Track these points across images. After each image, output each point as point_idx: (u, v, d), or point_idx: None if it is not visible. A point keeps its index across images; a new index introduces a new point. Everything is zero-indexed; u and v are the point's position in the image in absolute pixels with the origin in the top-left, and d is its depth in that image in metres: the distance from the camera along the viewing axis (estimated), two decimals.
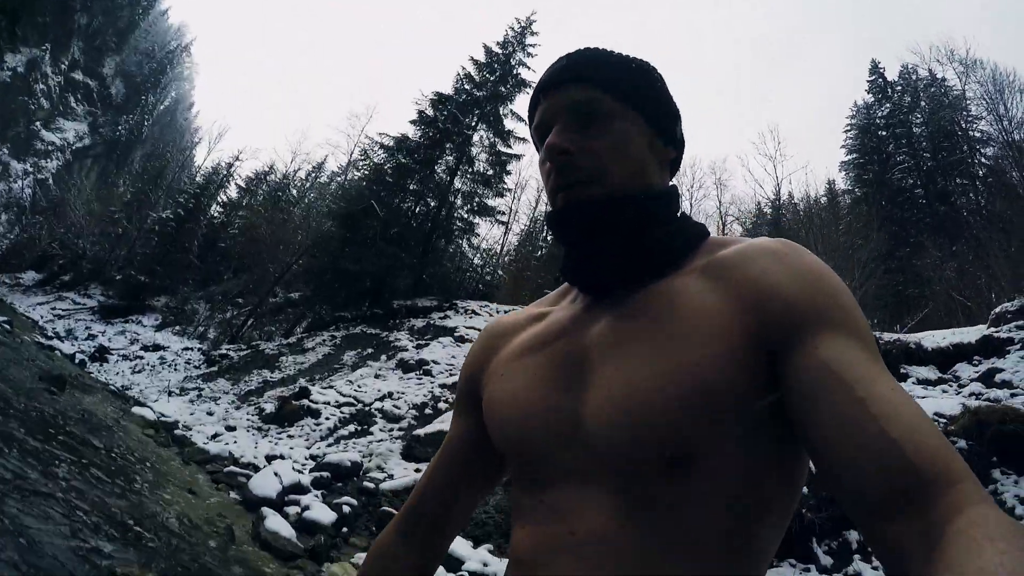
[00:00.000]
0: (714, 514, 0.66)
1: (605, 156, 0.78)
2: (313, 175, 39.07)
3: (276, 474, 8.66)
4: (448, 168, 21.96)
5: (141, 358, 18.20)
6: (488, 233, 24.55)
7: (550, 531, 0.72)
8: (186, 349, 18.82)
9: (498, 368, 0.87)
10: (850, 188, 34.60)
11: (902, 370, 10.31)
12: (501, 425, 0.82)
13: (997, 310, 11.79)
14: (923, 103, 33.89)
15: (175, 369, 16.95)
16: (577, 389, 0.74)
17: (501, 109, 22.30)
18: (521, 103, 22.56)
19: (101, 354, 18.32)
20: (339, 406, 13.05)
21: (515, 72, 23.20)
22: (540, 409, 0.77)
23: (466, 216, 22.32)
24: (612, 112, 0.79)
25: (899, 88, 35.32)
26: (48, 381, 9.93)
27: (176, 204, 31.82)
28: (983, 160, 30.92)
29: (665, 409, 0.66)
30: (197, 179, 36.58)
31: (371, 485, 9.46)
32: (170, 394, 14.47)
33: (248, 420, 12.72)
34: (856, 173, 34.10)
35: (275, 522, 6.77)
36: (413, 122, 22.52)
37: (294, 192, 36.54)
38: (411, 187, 21.62)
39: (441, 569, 7.05)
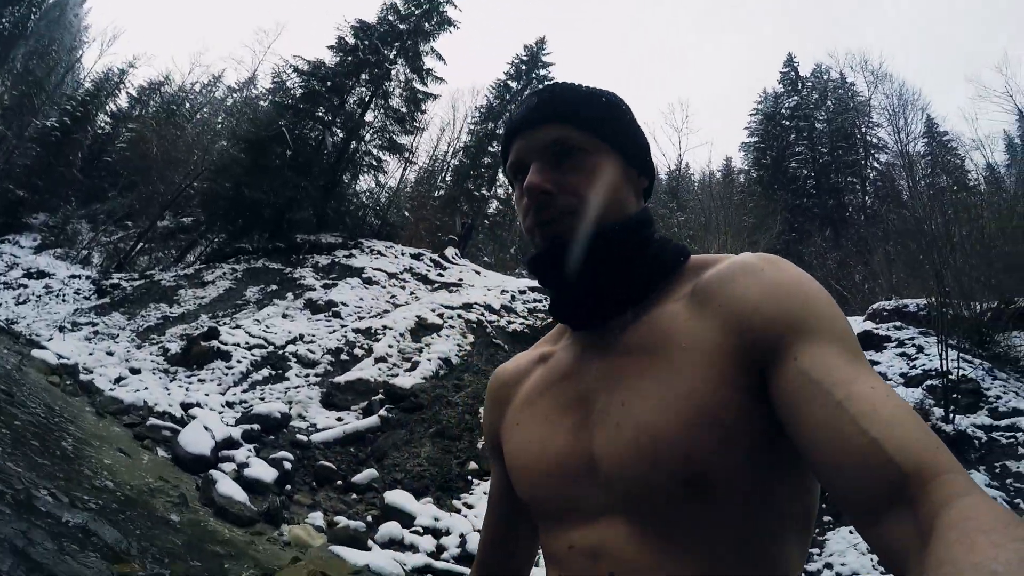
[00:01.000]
0: (737, 531, 0.69)
1: (582, 190, 0.80)
2: (209, 89, 36.17)
3: (206, 428, 8.55)
4: (361, 100, 21.17)
5: (25, 286, 16.72)
6: (392, 171, 23.92)
7: (590, 574, 0.73)
8: (73, 277, 17.42)
9: (513, 418, 0.90)
10: (746, 168, 36.94)
11: None
12: (521, 475, 0.85)
13: (875, 306, 13.18)
14: (829, 102, 36.55)
15: (63, 300, 15.74)
16: (587, 430, 0.77)
17: (422, 45, 21.60)
18: (444, 41, 22.04)
19: None
20: (250, 348, 12.72)
21: (441, 9, 22.53)
22: (554, 455, 0.80)
23: (375, 152, 21.69)
24: (586, 147, 0.82)
25: (809, 84, 38.05)
26: None
27: (62, 111, 28.68)
28: (876, 165, 34.36)
29: (670, 436, 0.69)
30: (86, 84, 33.39)
31: (303, 438, 9.50)
32: (61, 329, 13.48)
33: (153, 361, 12.16)
34: (755, 156, 36.45)
35: (227, 486, 6.77)
36: (331, 47, 21.54)
37: (188, 107, 33.65)
38: (322, 116, 20.68)
39: (396, 524, 7.39)
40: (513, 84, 33.51)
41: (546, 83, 0.85)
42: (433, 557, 6.92)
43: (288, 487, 7.98)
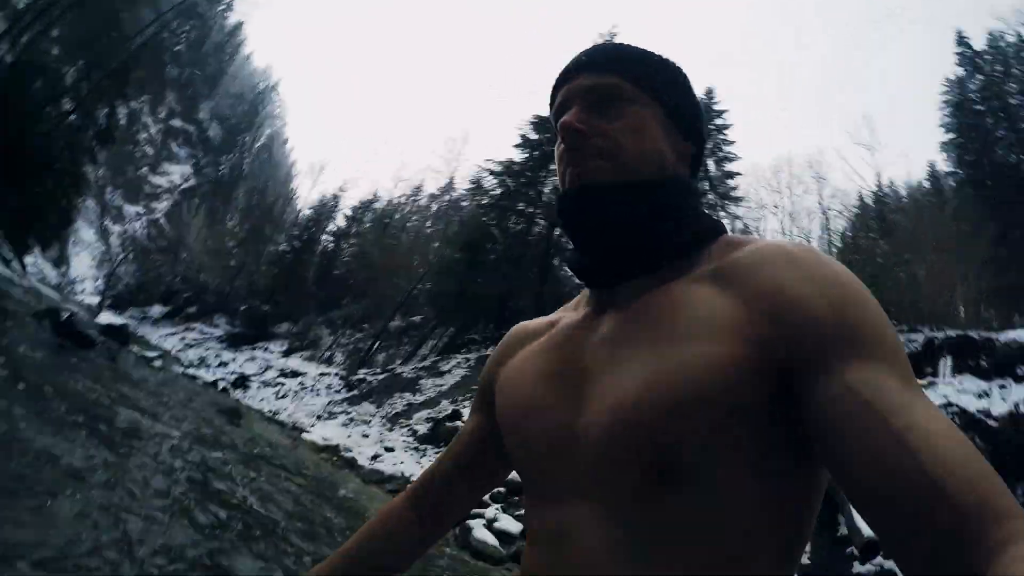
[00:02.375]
0: (711, 537, 0.62)
1: (619, 136, 0.76)
2: (413, 200, 40.97)
3: None
4: (555, 188, 22.90)
5: (282, 384, 19.74)
6: None
7: (552, 560, 0.69)
8: (323, 375, 20.23)
9: (509, 375, 0.86)
10: (953, 170, 32.33)
11: (1019, 371, 10.67)
12: (510, 439, 0.81)
13: None
14: (1015, 70, 29.99)
15: (317, 394, 18.31)
16: (575, 399, 0.72)
17: None
18: None
19: (242, 381, 19.99)
20: None
21: None
22: (540, 424, 0.75)
23: None
24: (629, 97, 0.79)
25: (988, 57, 32.58)
26: (225, 414, 11.24)
27: (290, 236, 34.23)
28: None
29: (652, 415, 0.62)
30: (306, 211, 39.23)
31: None
32: (319, 418, 15.72)
33: (404, 441, 13.74)
34: (957, 154, 31.44)
35: (481, 532, 8.30)
36: (517, 146, 23.57)
37: (398, 217, 38.59)
38: (522, 209, 22.62)
39: None
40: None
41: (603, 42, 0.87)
42: None
43: None
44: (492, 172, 23.68)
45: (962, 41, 33.14)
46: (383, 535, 0.94)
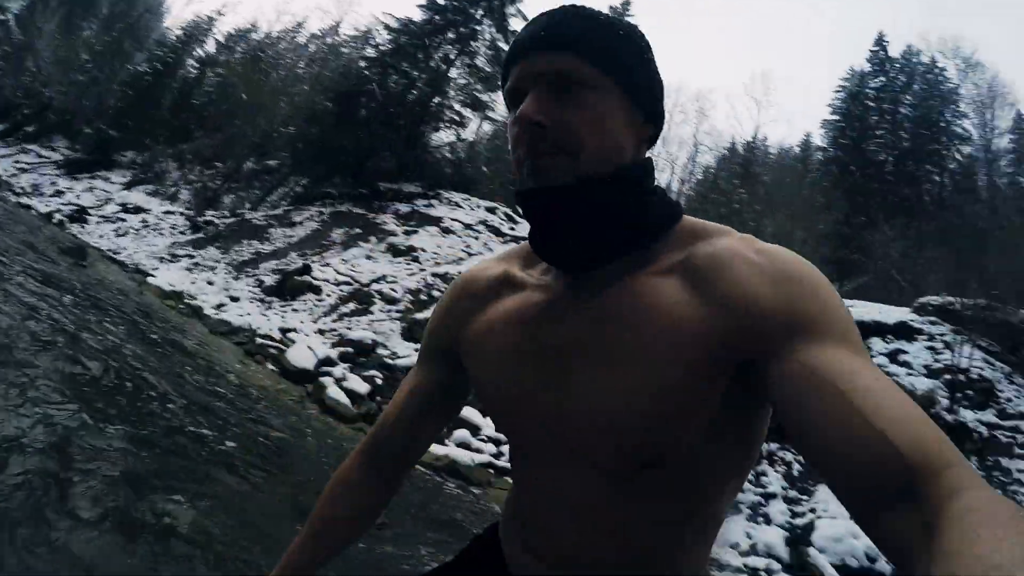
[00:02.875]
0: (682, 495, 0.76)
1: (579, 130, 0.75)
2: (291, 35, 37.65)
3: (309, 348, 9.77)
4: (446, 58, 22.08)
5: (123, 220, 18.48)
6: (471, 127, 24.76)
7: (547, 498, 0.82)
8: (168, 213, 19.11)
9: (482, 338, 0.89)
10: (824, 147, 35.87)
11: None
12: (493, 406, 0.88)
13: (922, 300, 13.34)
14: (916, 86, 34.73)
15: (160, 234, 17.38)
16: (560, 386, 0.78)
17: (508, 7, 22.22)
18: (530, 4, 22.64)
19: (80, 215, 18.51)
20: (338, 284, 14.00)
21: None
22: (528, 402, 0.82)
23: (457, 108, 22.67)
24: (590, 83, 0.76)
25: (898, 66, 35.77)
26: (70, 255, 10.63)
27: (153, 57, 30.75)
28: (958, 156, 32.73)
29: (640, 426, 0.72)
30: (175, 31, 35.36)
31: (390, 361, 10.71)
32: (161, 260, 15.05)
33: (250, 291, 13.55)
34: (834, 135, 34.93)
35: (335, 391, 8.28)
36: (421, 6, 22.40)
37: (272, 54, 35.35)
38: (407, 70, 21.73)
39: (466, 431, 8.53)
40: None
41: (562, 7, 0.79)
42: (495, 458, 8.38)
43: (379, 398, 9.18)
44: (387, 27, 22.42)
45: (880, 42, 36.76)
46: (346, 508, 0.99)
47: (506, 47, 21.79)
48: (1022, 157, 32.20)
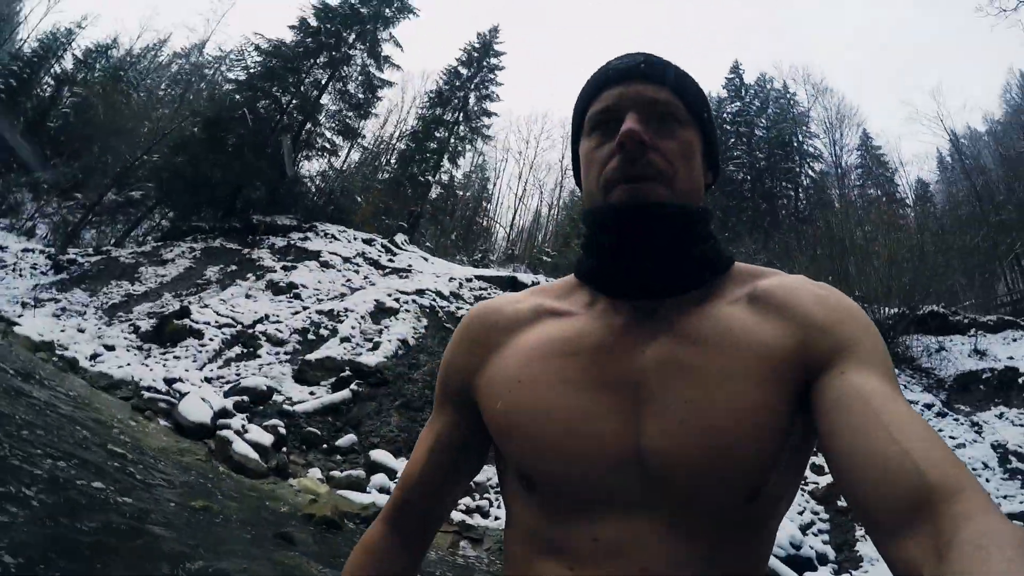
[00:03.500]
0: (770, 531, 0.78)
1: (675, 159, 0.78)
2: (154, 53, 35.27)
3: (204, 400, 9.57)
4: (317, 83, 21.91)
5: None
6: (343, 155, 24.48)
7: (601, 571, 0.72)
8: (26, 251, 17.67)
9: (513, 373, 0.82)
10: None
11: None
12: (532, 440, 0.77)
13: None
14: (770, 110, 39.27)
15: (20, 275, 16.12)
16: (636, 417, 0.74)
17: (381, 32, 22.39)
18: (403, 29, 22.93)
19: None
20: (220, 327, 13.72)
21: None
22: (595, 438, 0.74)
23: (329, 135, 22.51)
24: (683, 119, 0.81)
25: (752, 91, 40.46)
26: None
27: (7, 71, 27.86)
28: (810, 173, 37.47)
29: (743, 446, 0.70)
30: (31, 44, 31.92)
31: (289, 408, 10.67)
32: (24, 305, 14.01)
33: (126, 339, 12.97)
34: None
35: (242, 446, 8.02)
36: (293, 27, 22.16)
37: (135, 73, 32.86)
38: (278, 96, 21.39)
39: (384, 475, 8.71)
40: (464, 71, 33.90)
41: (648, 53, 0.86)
42: None
43: (284, 449, 9.18)
44: (258, 48, 21.96)
45: (735, 70, 40.98)
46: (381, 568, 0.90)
47: (378, 72, 22.19)
48: (869, 171, 37.01)
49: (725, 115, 38.61)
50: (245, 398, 10.45)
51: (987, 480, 10.47)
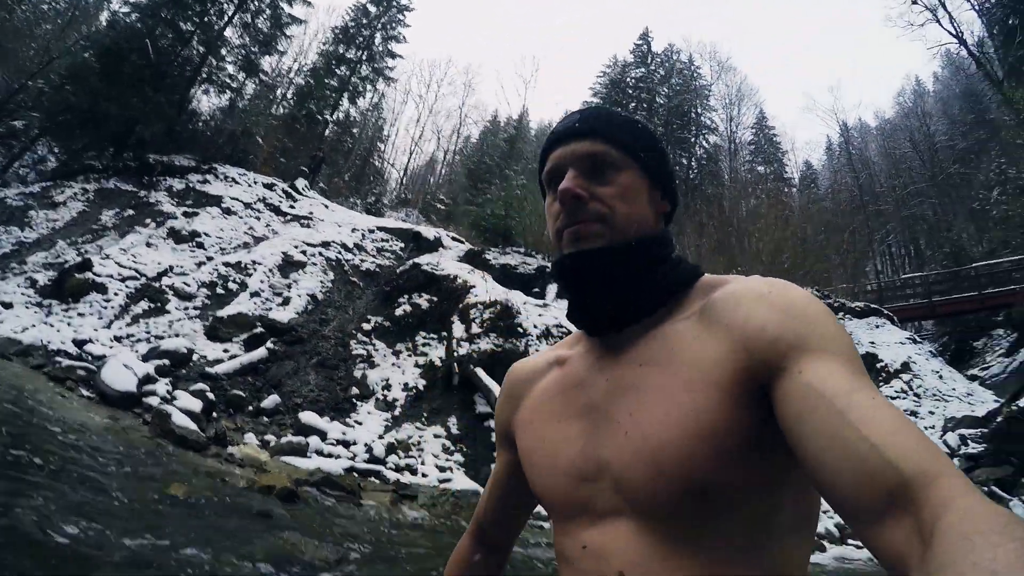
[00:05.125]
0: (738, 536, 0.75)
1: (612, 201, 0.88)
2: None
3: (126, 366, 9.47)
4: (221, 11, 20.68)
5: None
6: (246, 93, 23.25)
7: (596, 571, 0.81)
8: None
9: (527, 416, 1.00)
10: None
11: None
12: (536, 474, 0.94)
13: None
14: (674, 80, 40.84)
15: None
16: (596, 436, 0.85)
17: None
18: None
19: None
20: (123, 280, 13.43)
21: None
22: (566, 458, 0.88)
23: (233, 72, 21.46)
24: (619, 164, 0.90)
25: (658, 60, 41.86)
26: None
27: None
28: (704, 145, 39.59)
29: (672, 448, 0.75)
30: None
31: (210, 370, 10.83)
32: None
33: (23, 295, 12.40)
34: None
35: (181, 418, 8.09)
36: None
37: None
38: (179, 24, 20.23)
39: (317, 438, 9.20)
40: (372, 8, 32.91)
41: (589, 107, 1.01)
42: (351, 461, 9.21)
43: (214, 415, 9.41)
44: None
45: (644, 37, 42.13)
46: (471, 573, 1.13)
47: (288, 7, 21.21)
48: (760, 149, 39.57)
49: (629, 80, 40.13)
50: (166, 361, 10.46)
51: None
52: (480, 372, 12.19)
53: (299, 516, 6.17)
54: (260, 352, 12.17)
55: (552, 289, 16.16)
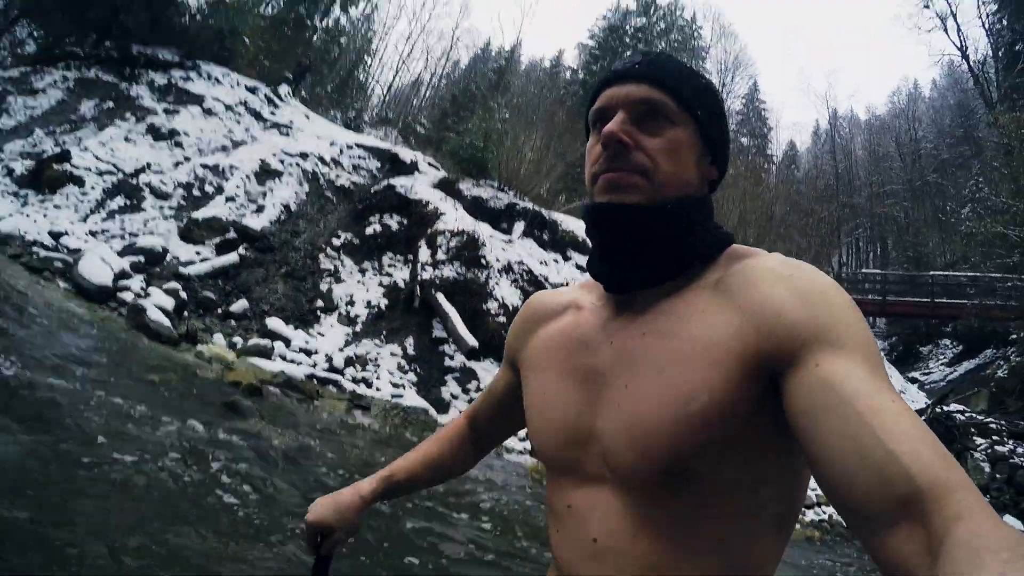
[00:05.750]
0: (713, 523, 0.76)
1: (657, 156, 0.84)
2: None
3: (103, 260, 9.92)
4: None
5: None
6: None
7: (577, 537, 0.84)
8: None
9: (533, 357, 1.01)
10: (575, 68, 40.29)
11: (568, 253, 16.47)
12: (535, 426, 0.95)
13: None
14: (673, 36, 40.75)
15: None
16: (594, 404, 0.85)
17: None
18: None
19: None
20: (101, 174, 13.63)
21: None
22: (563, 419, 0.89)
23: None
24: (673, 117, 0.85)
25: (660, 13, 41.40)
26: None
27: None
28: None
29: (658, 429, 0.75)
30: None
31: (183, 271, 11.37)
32: None
33: (0, 183, 12.60)
34: (587, 60, 39.50)
35: (155, 313, 8.72)
36: None
37: None
38: None
39: (282, 344, 9.90)
40: None
41: (654, 50, 0.92)
42: (312, 368, 9.96)
43: (186, 313, 10.02)
44: None
45: None
46: (456, 445, 1.22)
47: None
48: (746, 120, 39.72)
49: (628, 28, 39.85)
50: (141, 259, 10.94)
51: None
52: (441, 297, 12.76)
53: (263, 411, 6.92)
54: (232, 257, 12.66)
55: (519, 227, 16.55)
